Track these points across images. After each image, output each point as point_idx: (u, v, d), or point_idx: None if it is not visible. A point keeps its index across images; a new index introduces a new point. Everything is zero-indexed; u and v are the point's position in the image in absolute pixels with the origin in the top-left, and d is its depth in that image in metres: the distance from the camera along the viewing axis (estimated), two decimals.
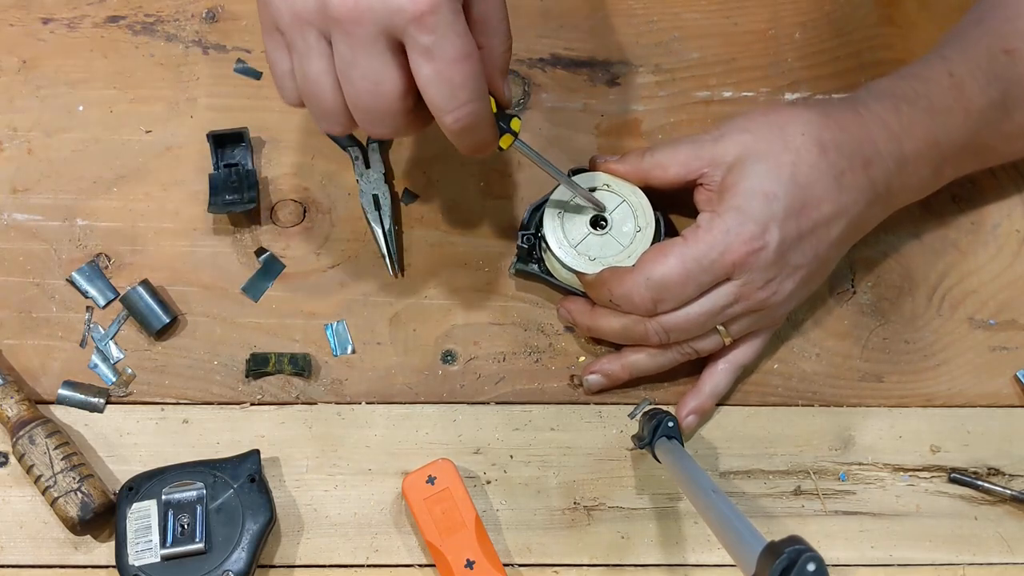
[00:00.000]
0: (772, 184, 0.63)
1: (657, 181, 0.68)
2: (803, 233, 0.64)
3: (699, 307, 0.64)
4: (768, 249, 0.63)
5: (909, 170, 0.67)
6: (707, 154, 0.66)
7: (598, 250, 0.68)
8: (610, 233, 0.68)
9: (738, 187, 0.63)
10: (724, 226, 0.63)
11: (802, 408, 0.71)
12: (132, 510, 0.64)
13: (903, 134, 0.66)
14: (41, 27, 0.77)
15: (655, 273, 0.63)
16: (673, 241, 0.64)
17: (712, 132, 0.67)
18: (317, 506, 0.68)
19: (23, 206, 0.73)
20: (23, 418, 0.66)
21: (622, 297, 0.65)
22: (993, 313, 0.74)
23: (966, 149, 0.68)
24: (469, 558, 0.64)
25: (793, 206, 0.63)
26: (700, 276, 0.63)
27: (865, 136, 0.65)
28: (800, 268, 0.65)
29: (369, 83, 0.55)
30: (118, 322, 0.71)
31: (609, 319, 0.67)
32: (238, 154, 0.73)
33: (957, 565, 0.68)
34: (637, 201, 0.69)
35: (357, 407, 0.70)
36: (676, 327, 0.65)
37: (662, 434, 0.64)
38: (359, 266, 0.73)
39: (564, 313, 0.70)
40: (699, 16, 0.80)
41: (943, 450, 0.71)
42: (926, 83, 0.67)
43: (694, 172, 0.66)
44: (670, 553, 0.67)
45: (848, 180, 0.65)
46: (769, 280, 0.64)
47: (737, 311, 0.65)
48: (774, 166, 0.63)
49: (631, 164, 0.69)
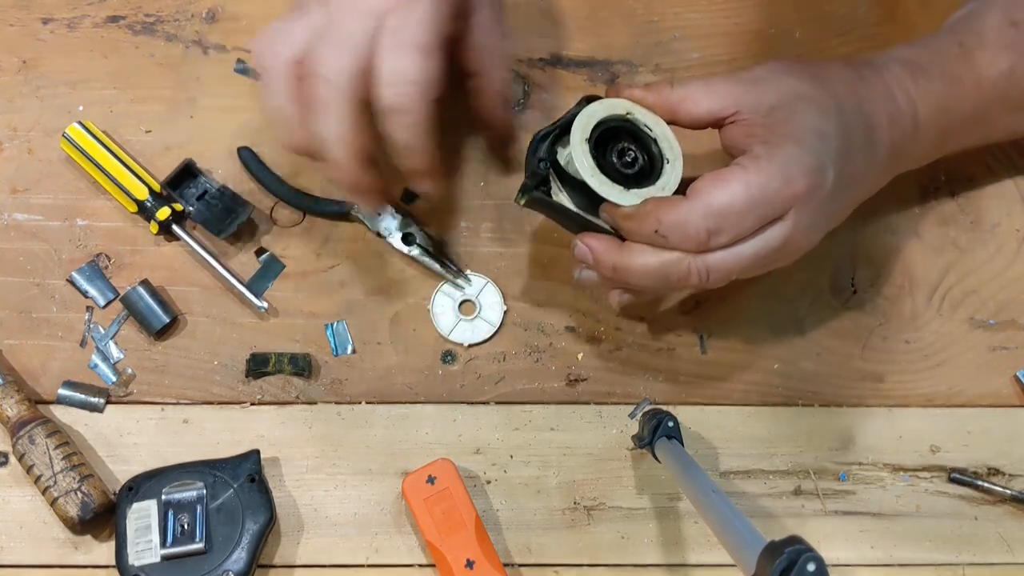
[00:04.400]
0: (824, 123, 0.61)
1: (686, 115, 0.63)
2: (845, 181, 0.62)
3: (751, 247, 0.60)
4: (824, 188, 0.60)
5: (920, 135, 0.67)
6: (745, 91, 0.62)
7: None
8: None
9: (791, 121, 0.61)
10: (785, 155, 0.59)
11: (802, 408, 0.71)
12: (132, 510, 0.64)
13: (918, 98, 0.66)
14: (41, 27, 0.77)
15: (716, 200, 0.58)
16: (731, 169, 0.59)
17: (744, 72, 0.64)
18: (317, 506, 0.68)
19: (23, 206, 0.73)
20: (23, 418, 0.66)
21: (673, 227, 0.59)
22: (993, 313, 0.74)
23: (972, 119, 0.69)
24: (469, 558, 0.64)
25: (841, 150, 0.61)
26: (762, 207, 0.59)
27: (890, 96, 0.65)
28: (831, 218, 0.63)
29: (339, 48, 0.60)
30: (118, 322, 0.71)
31: (645, 256, 0.61)
32: (201, 182, 0.72)
33: (957, 565, 0.68)
34: (662, 132, 0.63)
35: (357, 407, 0.70)
36: (721, 268, 0.60)
37: (662, 434, 0.64)
38: (359, 266, 0.73)
39: (583, 250, 0.63)
40: (699, 16, 0.80)
41: (943, 450, 0.71)
42: (938, 52, 0.68)
43: (729, 108, 0.62)
44: (670, 553, 0.67)
45: (877, 136, 0.64)
46: (814, 225, 0.61)
47: (776, 257, 0.61)
48: (822, 108, 0.61)
49: (659, 95, 0.63)
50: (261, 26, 0.76)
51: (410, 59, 0.60)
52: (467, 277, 0.72)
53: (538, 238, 0.74)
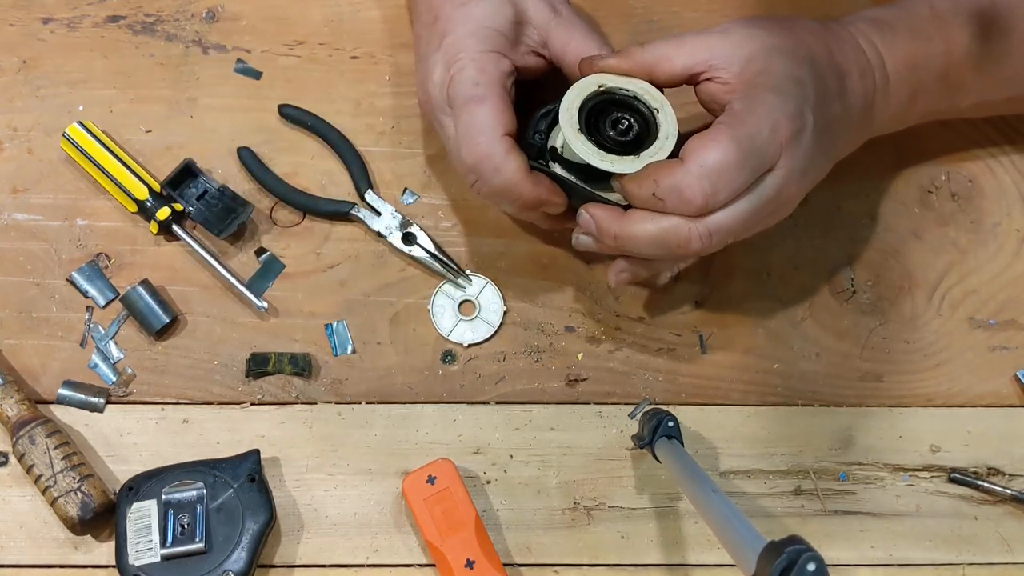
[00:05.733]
0: (799, 70, 0.62)
1: (663, 75, 0.63)
2: (823, 127, 0.63)
3: (747, 202, 0.60)
4: (807, 130, 0.61)
5: (890, 90, 0.67)
6: (717, 45, 0.62)
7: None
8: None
9: (768, 71, 0.61)
10: (766, 104, 0.60)
11: (802, 408, 0.71)
12: (132, 510, 0.64)
13: (885, 52, 0.67)
14: (41, 27, 0.77)
15: (709, 159, 0.58)
16: (717, 127, 0.60)
17: (714, 27, 0.64)
18: (317, 506, 0.68)
19: (23, 206, 0.73)
20: (23, 418, 0.66)
21: (669, 190, 0.59)
22: (993, 313, 0.74)
23: (942, 80, 0.69)
24: (469, 558, 0.64)
25: (818, 95, 0.62)
26: (753, 159, 0.59)
27: (857, 48, 0.66)
28: (817, 166, 0.64)
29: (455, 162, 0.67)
30: (118, 322, 0.71)
31: (645, 223, 0.61)
32: (201, 182, 0.72)
33: (957, 565, 0.68)
34: (639, 88, 0.63)
35: (357, 407, 0.70)
36: (722, 229, 0.60)
37: (662, 434, 0.64)
38: (359, 266, 0.73)
39: (587, 219, 0.64)
40: (699, 16, 0.80)
41: (943, 450, 0.71)
42: (907, 12, 0.69)
43: (702, 64, 0.62)
44: (670, 553, 0.67)
45: (848, 85, 0.65)
46: (804, 171, 0.62)
47: (772, 209, 0.62)
48: (794, 58, 0.62)
49: (632, 58, 0.63)
50: (261, 26, 0.77)
51: (465, 119, 0.64)
52: (467, 277, 0.72)
53: (538, 238, 0.74)
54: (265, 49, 0.77)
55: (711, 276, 0.73)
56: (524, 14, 0.67)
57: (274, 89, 0.76)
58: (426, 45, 0.67)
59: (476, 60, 0.64)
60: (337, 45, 0.78)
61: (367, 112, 0.76)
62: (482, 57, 0.64)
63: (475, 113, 0.63)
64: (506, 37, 0.65)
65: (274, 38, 0.77)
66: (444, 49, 0.65)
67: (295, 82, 0.76)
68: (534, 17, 0.67)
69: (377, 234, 0.73)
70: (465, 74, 0.64)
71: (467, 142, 0.63)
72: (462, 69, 0.64)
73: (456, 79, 0.64)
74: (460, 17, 0.65)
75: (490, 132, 0.63)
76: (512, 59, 0.66)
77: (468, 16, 0.65)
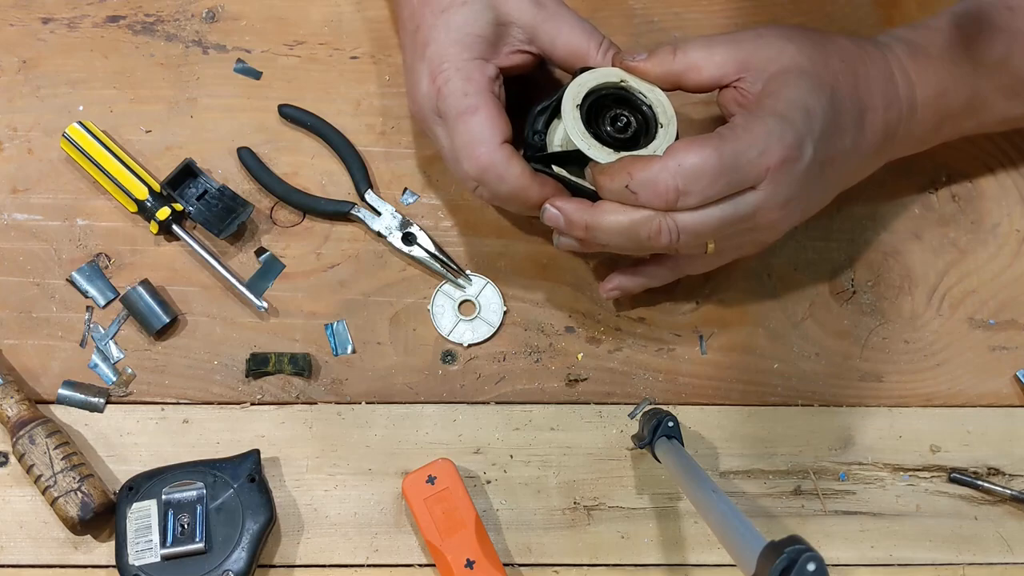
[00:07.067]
0: (813, 100, 0.61)
1: (691, 84, 0.64)
2: (826, 160, 0.62)
3: (720, 211, 0.60)
4: (801, 162, 0.61)
5: (917, 118, 0.67)
6: (747, 58, 0.63)
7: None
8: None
9: (780, 95, 0.61)
10: (765, 128, 0.60)
11: (802, 408, 0.71)
12: (132, 510, 0.64)
13: (918, 80, 0.66)
14: (41, 27, 0.77)
15: (688, 161, 0.59)
16: (707, 135, 0.60)
17: (747, 32, 0.64)
18: (317, 506, 0.68)
19: (23, 206, 0.73)
20: (23, 418, 0.66)
21: (643, 183, 0.59)
22: (993, 313, 0.74)
23: (969, 104, 0.69)
24: (469, 558, 0.64)
25: (827, 129, 0.62)
26: (733, 174, 0.59)
27: (889, 76, 0.66)
28: (811, 198, 0.64)
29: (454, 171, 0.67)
30: (118, 322, 0.71)
31: (615, 214, 0.61)
32: (201, 182, 0.72)
33: (957, 565, 0.68)
34: (656, 98, 0.64)
35: (357, 407, 0.70)
36: (691, 229, 0.60)
37: (662, 434, 0.64)
38: (359, 266, 0.73)
39: (552, 214, 0.64)
40: (700, 16, 0.80)
41: (943, 450, 0.71)
42: (938, 34, 0.68)
43: (731, 76, 0.63)
44: (670, 553, 0.67)
45: (869, 119, 0.65)
46: (789, 200, 0.62)
47: (749, 226, 0.62)
48: (816, 84, 0.62)
49: (661, 65, 0.64)
50: (261, 26, 0.77)
51: (462, 128, 0.64)
52: (467, 277, 0.72)
53: (538, 238, 0.74)
54: (265, 49, 0.77)
55: (711, 277, 0.73)
56: (506, 15, 0.66)
57: (274, 89, 0.76)
58: (411, 54, 0.67)
59: (460, 70, 0.64)
60: (337, 45, 0.78)
61: (367, 112, 0.76)
62: (466, 66, 0.64)
63: (470, 124, 0.63)
64: (488, 41, 0.65)
65: (274, 38, 0.77)
66: (428, 59, 0.65)
67: (295, 82, 0.76)
68: (517, 16, 0.66)
69: (377, 234, 0.73)
70: (452, 85, 0.64)
71: (467, 154, 0.63)
72: (448, 80, 0.64)
73: (444, 91, 0.64)
74: (441, 25, 0.65)
75: (488, 142, 0.63)
76: (496, 62, 0.66)
77: (448, 24, 0.65)
